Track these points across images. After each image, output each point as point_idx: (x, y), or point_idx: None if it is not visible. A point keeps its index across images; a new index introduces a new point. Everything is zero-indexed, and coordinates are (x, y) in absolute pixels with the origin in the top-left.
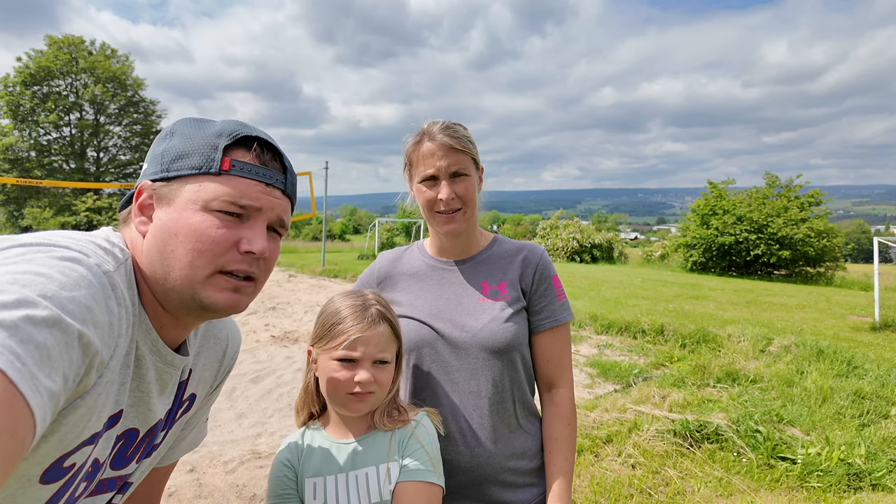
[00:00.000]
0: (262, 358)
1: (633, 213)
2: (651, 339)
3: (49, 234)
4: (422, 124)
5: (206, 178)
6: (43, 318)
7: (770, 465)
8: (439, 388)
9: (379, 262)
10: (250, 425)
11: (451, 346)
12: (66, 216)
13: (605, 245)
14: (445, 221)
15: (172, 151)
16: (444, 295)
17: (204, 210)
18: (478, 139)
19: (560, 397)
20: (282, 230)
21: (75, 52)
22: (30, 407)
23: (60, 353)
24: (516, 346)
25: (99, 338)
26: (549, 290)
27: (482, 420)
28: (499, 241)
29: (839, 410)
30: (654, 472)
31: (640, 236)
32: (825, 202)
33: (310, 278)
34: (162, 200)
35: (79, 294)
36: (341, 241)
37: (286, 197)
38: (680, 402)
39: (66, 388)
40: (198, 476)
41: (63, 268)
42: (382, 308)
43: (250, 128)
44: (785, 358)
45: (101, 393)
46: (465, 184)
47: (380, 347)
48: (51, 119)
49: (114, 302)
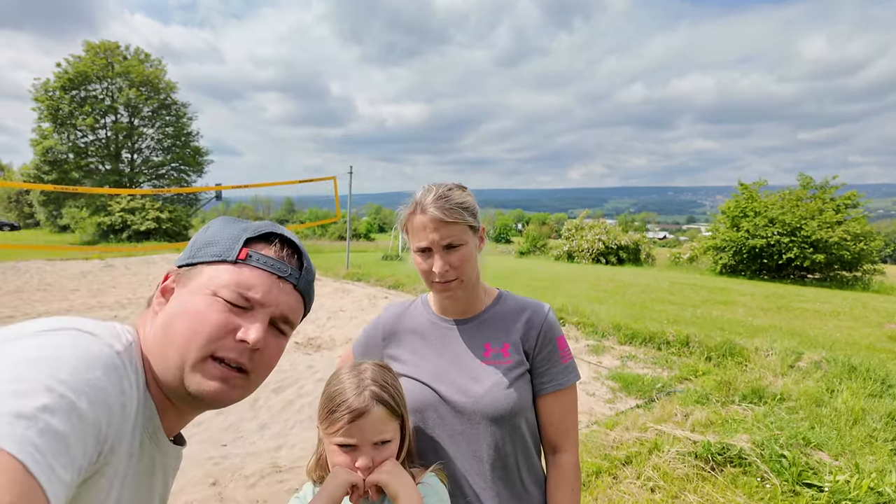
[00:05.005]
0: (284, 367)
1: (661, 212)
2: (676, 350)
3: (62, 319)
4: (416, 193)
5: (224, 265)
6: (59, 406)
7: (795, 493)
8: (443, 452)
9: (384, 318)
10: (272, 437)
11: (454, 410)
12: (101, 216)
13: (632, 247)
14: (442, 290)
15: (201, 241)
16: (447, 356)
17: (213, 295)
18: (503, 137)
19: (563, 461)
20: (285, 328)
21: (111, 57)
22: (48, 501)
23: (76, 443)
24: (520, 412)
25: (111, 422)
26: (553, 353)
27: (485, 485)
28: (503, 299)
29: (871, 433)
30: (674, 497)
31: (668, 235)
32: (863, 203)
33: (333, 282)
34: (181, 284)
35: (93, 376)
36: (366, 240)
37: (298, 293)
38: (703, 421)
39: (79, 478)
40: (220, 490)
41: (77, 350)
42: (378, 389)
43: (279, 227)
44: (815, 374)
45: (101, 482)
46: (459, 254)
47: (376, 431)
48: (88, 122)
49: (126, 383)
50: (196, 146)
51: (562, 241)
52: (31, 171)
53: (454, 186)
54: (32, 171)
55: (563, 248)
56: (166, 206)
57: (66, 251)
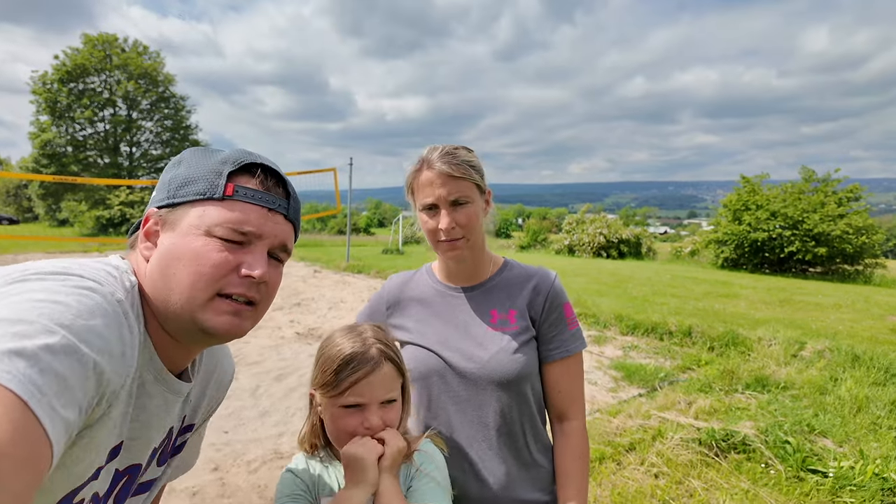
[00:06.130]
0: (286, 355)
1: (662, 207)
2: (678, 341)
3: (64, 263)
4: (422, 151)
5: (210, 203)
6: (61, 347)
7: (799, 478)
8: (451, 418)
9: (388, 287)
10: (273, 424)
11: (460, 377)
12: (100, 209)
13: (633, 240)
14: (448, 249)
15: (179, 179)
16: (453, 323)
17: (206, 235)
18: (504, 131)
19: (571, 429)
20: (283, 256)
21: (109, 50)
22: (49, 438)
23: (76, 384)
24: (526, 378)
25: (112, 367)
26: (560, 320)
27: (492, 452)
28: (509, 267)
29: (875, 421)
30: (678, 483)
31: (669, 230)
32: (865, 197)
33: (334, 274)
34: (167, 226)
35: (94, 323)
36: (366, 234)
37: (289, 222)
38: (706, 408)
39: (80, 419)
40: (221, 475)
41: (79, 296)
42: (383, 346)
43: (255, 155)
44: (818, 364)
45: (107, 424)
46: (466, 211)
47: (386, 389)
48: (86, 115)
49: (126, 330)
50: (195, 139)
51: (563, 235)
52: (29, 164)
53: (460, 146)
54: (31, 165)
55: (564, 242)
56: None
57: (65, 243)
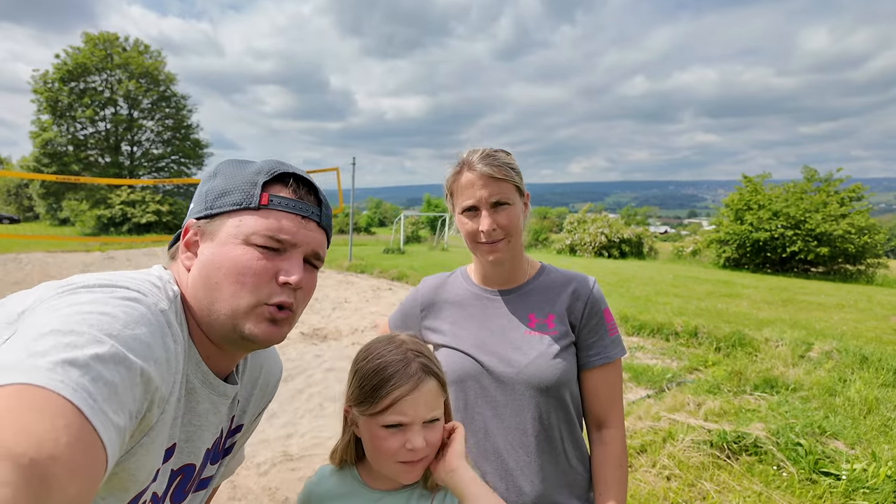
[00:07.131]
0: (292, 356)
1: (663, 206)
2: (684, 341)
3: (110, 275)
4: (461, 153)
5: (247, 212)
6: (110, 356)
7: (812, 481)
8: (488, 423)
9: (422, 289)
10: (281, 425)
11: (497, 381)
12: (101, 209)
13: (635, 240)
14: (489, 251)
15: (216, 190)
16: (489, 326)
17: (245, 243)
18: (504, 130)
19: (610, 437)
20: (317, 262)
21: (110, 49)
22: (103, 443)
23: (126, 391)
24: (565, 384)
25: (158, 374)
26: (601, 325)
27: (529, 458)
28: (546, 271)
29: (885, 423)
30: (690, 485)
31: (670, 230)
32: (867, 196)
33: (337, 274)
34: (206, 236)
35: (140, 332)
36: (367, 233)
37: (321, 229)
38: (716, 410)
39: (130, 424)
40: (231, 478)
41: (125, 307)
42: (425, 360)
43: (287, 165)
44: (826, 365)
45: (162, 429)
46: (507, 213)
47: (430, 407)
48: (87, 114)
49: (170, 339)
50: (196, 138)
51: (564, 235)
52: (30, 163)
53: (498, 149)
54: (32, 164)
55: (565, 241)
56: (167, 199)
57: (67, 242)
